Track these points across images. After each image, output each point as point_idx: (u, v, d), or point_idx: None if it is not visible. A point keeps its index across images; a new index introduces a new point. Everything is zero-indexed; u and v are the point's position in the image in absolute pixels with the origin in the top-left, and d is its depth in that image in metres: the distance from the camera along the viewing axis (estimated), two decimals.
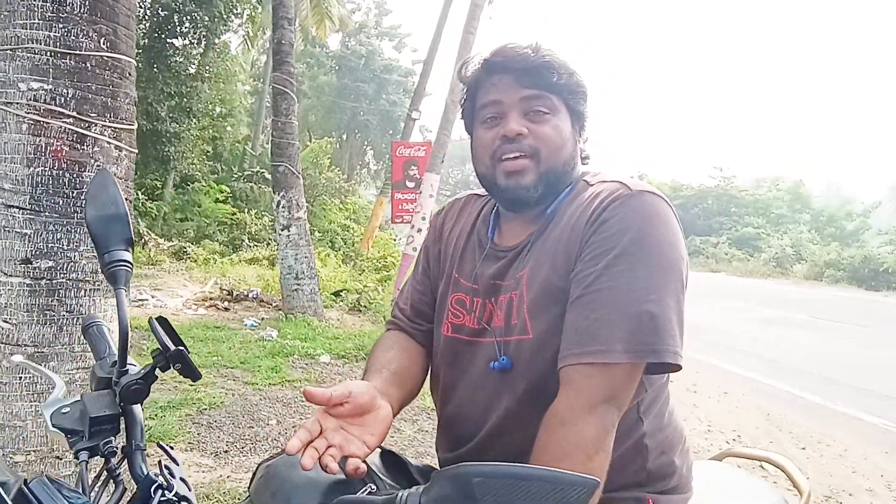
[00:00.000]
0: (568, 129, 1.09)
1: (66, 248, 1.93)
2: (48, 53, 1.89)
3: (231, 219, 16.27)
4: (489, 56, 1.09)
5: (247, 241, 15.10)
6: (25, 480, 0.72)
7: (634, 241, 0.96)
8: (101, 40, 1.96)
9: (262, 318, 7.66)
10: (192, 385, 4.64)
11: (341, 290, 9.61)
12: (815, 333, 9.46)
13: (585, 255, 0.99)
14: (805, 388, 6.08)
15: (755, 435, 4.68)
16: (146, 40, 13.60)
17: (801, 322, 10.64)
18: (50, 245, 1.91)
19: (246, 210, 16.67)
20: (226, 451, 3.57)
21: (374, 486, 0.91)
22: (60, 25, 1.89)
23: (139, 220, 13.13)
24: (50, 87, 1.90)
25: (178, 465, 0.88)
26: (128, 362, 0.90)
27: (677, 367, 0.96)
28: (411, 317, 1.27)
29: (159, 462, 0.86)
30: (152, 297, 8.55)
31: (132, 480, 0.84)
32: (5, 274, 1.88)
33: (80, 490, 0.80)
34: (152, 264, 11.51)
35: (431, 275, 1.28)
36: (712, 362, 7.14)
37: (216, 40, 15.88)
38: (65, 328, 1.94)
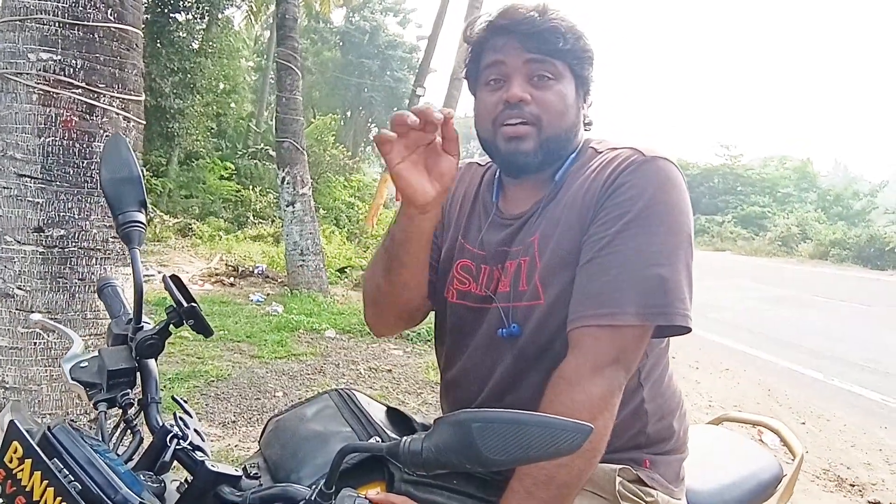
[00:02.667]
0: (572, 95, 1.09)
1: (77, 217, 1.96)
2: (56, 24, 1.90)
3: (236, 196, 16.30)
4: (495, 18, 1.08)
5: (252, 218, 15.15)
6: (49, 426, 0.76)
7: (647, 206, 0.98)
8: (109, 11, 1.97)
9: (268, 294, 7.72)
10: (199, 358, 4.71)
11: (346, 267, 9.66)
12: (819, 312, 9.47)
13: (599, 220, 1.00)
14: (806, 365, 6.12)
15: (756, 409, 4.72)
16: (149, 15, 13.49)
17: (804, 301, 10.65)
18: (61, 214, 1.94)
19: (251, 187, 16.69)
20: (233, 422, 3.64)
21: (378, 439, 0.94)
22: None
23: None
24: (59, 57, 1.91)
25: (191, 416, 0.92)
26: (143, 319, 0.94)
27: (687, 330, 0.98)
28: None
29: (174, 414, 0.90)
30: (158, 272, 8.61)
31: (148, 431, 0.88)
32: (19, 242, 1.92)
33: (100, 438, 0.84)
34: (158, 241, 11.57)
35: (438, 234, 1.26)
36: (715, 339, 7.17)
37: (219, 15, 15.80)
38: (77, 295, 1.98)
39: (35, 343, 1.94)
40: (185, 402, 0.96)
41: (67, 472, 0.71)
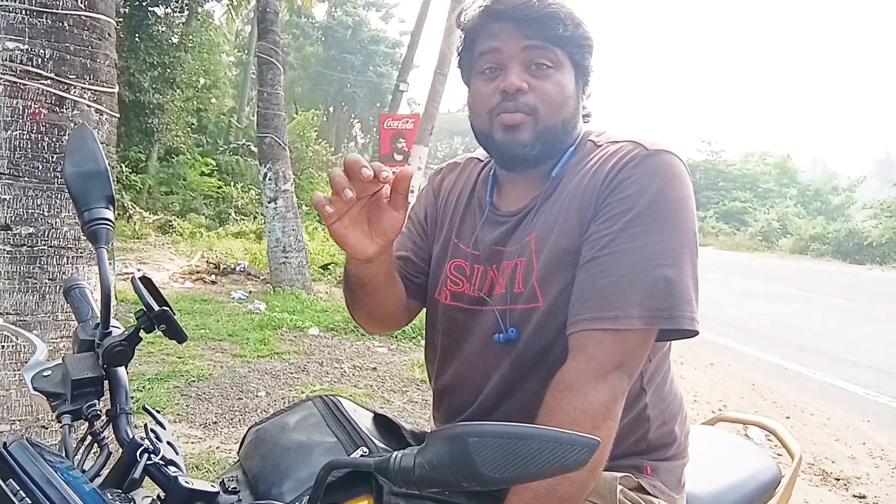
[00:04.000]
0: (571, 85, 1.03)
1: (46, 214, 1.89)
2: (23, 12, 1.82)
3: (217, 192, 16.14)
4: (490, 2, 1.01)
5: (233, 214, 15.02)
6: (4, 443, 0.69)
7: (652, 202, 0.92)
8: None
9: (250, 292, 7.62)
10: (179, 357, 4.62)
11: (329, 264, 9.58)
12: (800, 306, 9.57)
13: (600, 217, 0.95)
14: (789, 359, 6.16)
15: (740, 404, 4.74)
16: (127, 8, 13.29)
17: (786, 295, 10.76)
18: (30, 211, 1.86)
19: (232, 183, 16.55)
20: (215, 423, 3.56)
21: (366, 449, 0.89)
22: None
23: (123, 193, 12.98)
24: (26, 47, 1.83)
25: (164, 428, 0.85)
26: (111, 324, 0.87)
27: (694, 333, 0.93)
28: (399, 260, 1.22)
29: (145, 426, 0.84)
30: (138, 270, 8.48)
31: (118, 444, 0.82)
32: None
33: (64, 454, 0.78)
34: (137, 238, 11.40)
35: (428, 231, 1.24)
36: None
37: (199, 9, 15.59)
38: (47, 296, 1.90)
39: (3, 346, 1.87)
40: (158, 412, 0.90)
41: (24, 495, 0.65)
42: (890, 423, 4.45)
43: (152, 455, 0.78)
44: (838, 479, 3.50)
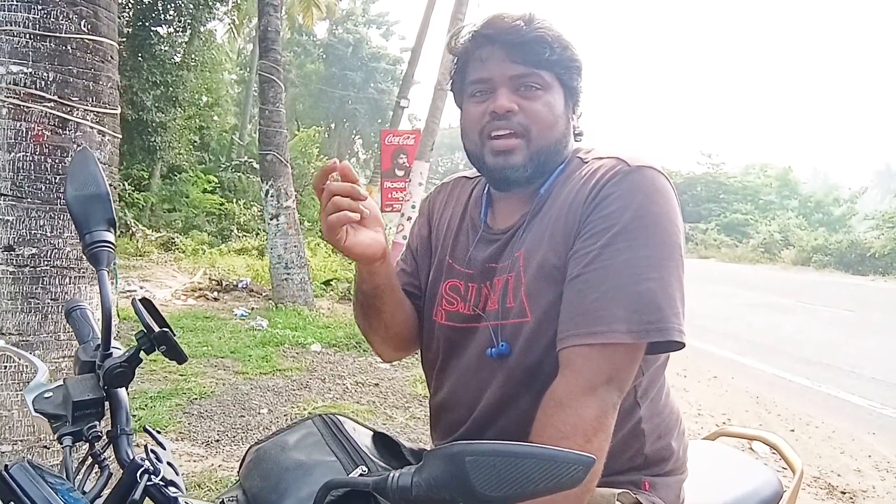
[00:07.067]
0: (561, 105, 1.06)
1: (49, 234, 1.90)
2: (27, 36, 1.85)
3: (219, 209, 16.18)
4: (480, 28, 1.04)
5: (236, 231, 15.04)
6: (6, 466, 0.70)
7: (634, 217, 0.94)
8: (82, 22, 1.92)
9: (252, 308, 7.63)
10: (182, 375, 4.62)
11: (331, 280, 9.59)
12: (803, 318, 9.52)
13: (584, 234, 0.97)
14: (793, 372, 6.12)
15: (745, 417, 4.72)
16: (130, 28, 13.40)
17: (788, 307, 10.71)
18: (33, 232, 1.88)
19: (234, 200, 16.58)
20: (217, 441, 3.56)
21: (365, 468, 0.89)
22: (40, 7, 1.86)
23: (126, 210, 13.02)
24: (30, 70, 1.86)
25: (164, 449, 0.86)
26: (112, 345, 0.88)
27: (681, 345, 0.94)
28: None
29: (145, 446, 0.85)
30: (141, 287, 8.49)
31: (118, 465, 0.82)
32: None
33: (65, 475, 0.78)
34: (140, 255, 11.42)
35: (419, 259, 1.26)
36: (702, 347, 7.17)
37: (201, 28, 15.69)
38: (49, 316, 1.91)
39: (5, 367, 1.87)
40: (159, 431, 0.91)
41: None
42: (895, 436, 4.42)
43: (152, 476, 0.79)
44: (844, 493, 3.48)
